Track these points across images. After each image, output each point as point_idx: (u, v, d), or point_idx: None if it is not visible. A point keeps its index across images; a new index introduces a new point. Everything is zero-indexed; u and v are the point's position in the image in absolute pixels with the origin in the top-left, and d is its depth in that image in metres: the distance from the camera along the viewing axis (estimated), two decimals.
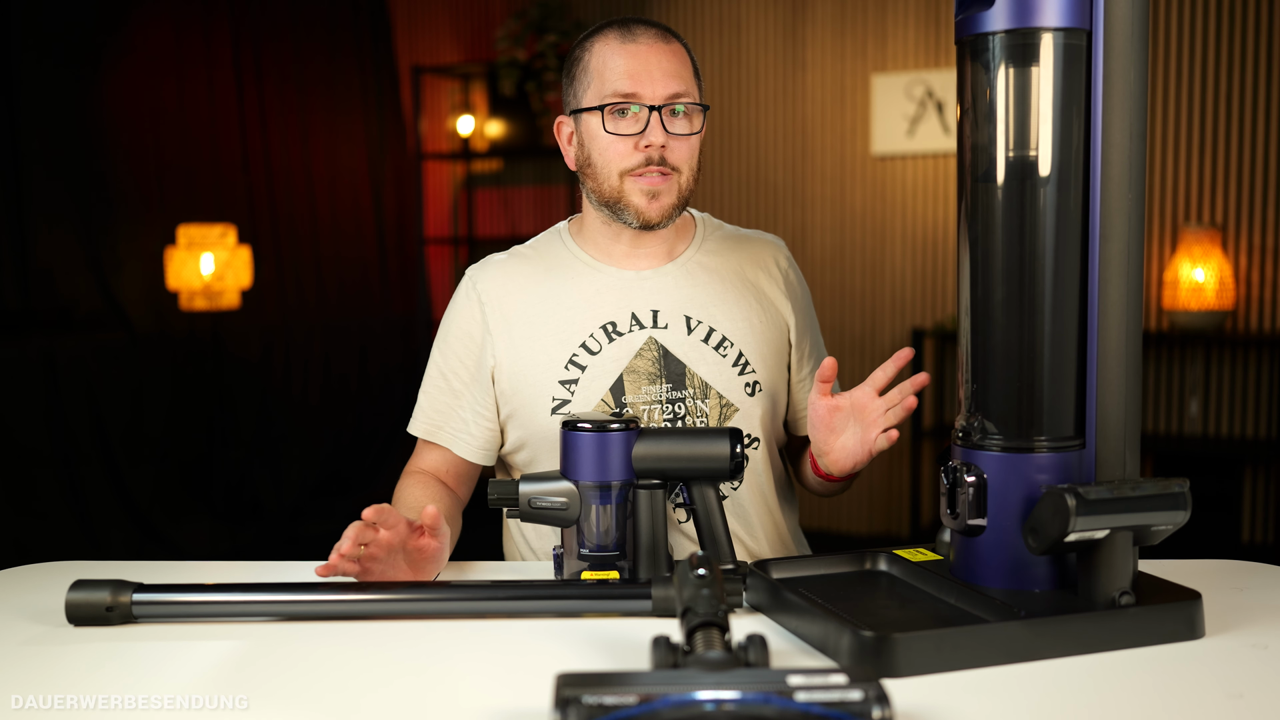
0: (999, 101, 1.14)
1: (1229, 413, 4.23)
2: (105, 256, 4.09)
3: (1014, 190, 1.14)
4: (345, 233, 4.99)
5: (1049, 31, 1.11)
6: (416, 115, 5.35)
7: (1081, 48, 1.12)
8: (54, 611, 1.22)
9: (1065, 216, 1.13)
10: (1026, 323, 1.15)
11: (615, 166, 1.50)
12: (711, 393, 1.53)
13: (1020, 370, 1.15)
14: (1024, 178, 1.14)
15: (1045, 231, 1.13)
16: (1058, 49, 1.11)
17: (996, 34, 1.12)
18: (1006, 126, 1.14)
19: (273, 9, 4.68)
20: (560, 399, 1.52)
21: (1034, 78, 1.12)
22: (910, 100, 4.59)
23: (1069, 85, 1.12)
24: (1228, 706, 0.97)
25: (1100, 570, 1.10)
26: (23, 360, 3.79)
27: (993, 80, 1.14)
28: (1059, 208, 1.13)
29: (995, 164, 1.14)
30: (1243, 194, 4.16)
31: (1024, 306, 1.14)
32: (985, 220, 1.16)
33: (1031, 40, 1.12)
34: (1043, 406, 1.14)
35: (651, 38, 1.50)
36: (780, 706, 0.82)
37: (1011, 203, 1.14)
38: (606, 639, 1.14)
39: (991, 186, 1.15)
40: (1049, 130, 1.12)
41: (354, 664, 1.09)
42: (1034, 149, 1.13)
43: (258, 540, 4.41)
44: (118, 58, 4.15)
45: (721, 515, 1.34)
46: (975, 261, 1.17)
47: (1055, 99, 1.12)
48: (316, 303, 4.87)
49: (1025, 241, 1.14)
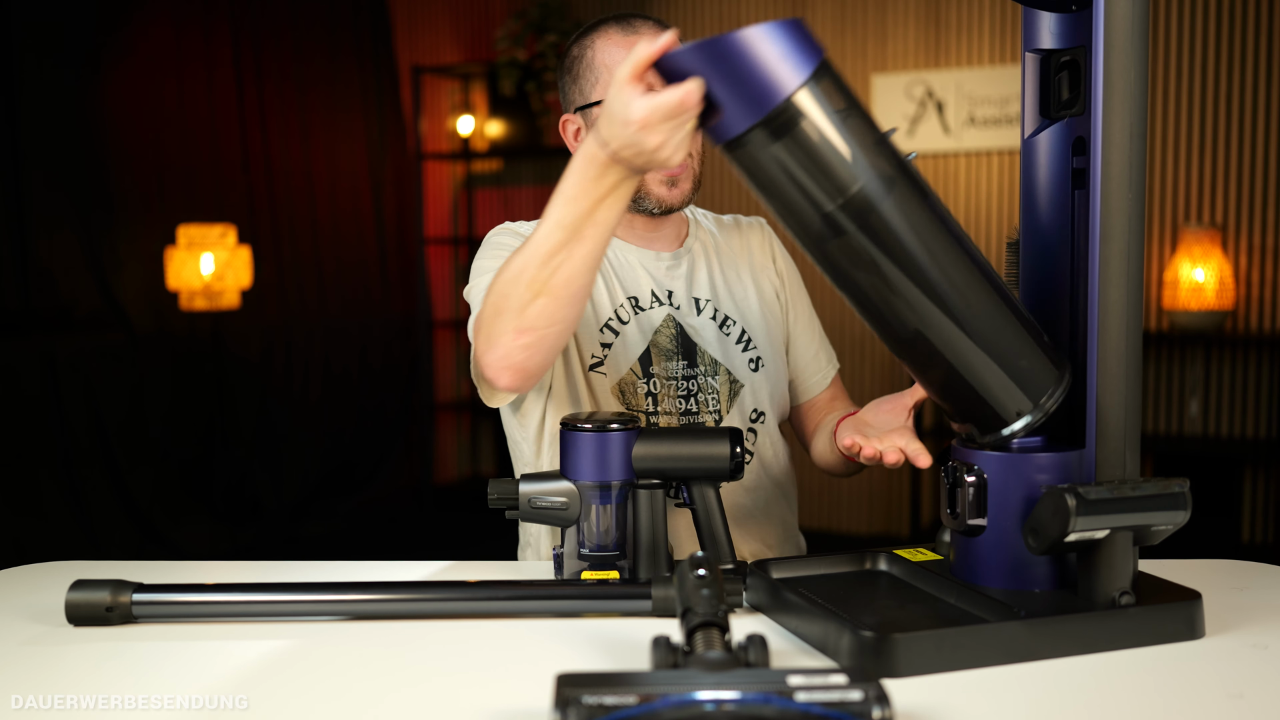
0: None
1: (1229, 413, 4.23)
2: (105, 256, 4.09)
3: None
4: (345, 233, 4.99)
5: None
6: (416, 115, 5.35)
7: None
8: (54, 611, 1.22)
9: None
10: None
11: None
12: (720, 370, 1.60)
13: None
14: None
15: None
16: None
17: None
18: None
19: (273, 9, 4.68)
20: (598, 358, 1.56)
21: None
22: (910, 100, 4.59)
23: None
24: (1228, 706, 0.97)
25: (1100, 570, 1.10)
26: (23, 360, 3.79)
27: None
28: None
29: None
30: (1243, 194, 4.16)
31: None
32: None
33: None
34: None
35: (651, 29, 1.54)
36: (780, 706, 0.82)
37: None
38: (606, 639, 1.14)
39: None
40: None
41: (354, 664, 1.09)
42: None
43: (258, 540, 4.41)
44: (118, 58, 4.15)
45: (721, 515, 1.35)
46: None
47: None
48: (316, 303, 4.86)
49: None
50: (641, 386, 1.56)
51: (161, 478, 4.17)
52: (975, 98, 4.50)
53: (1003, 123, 4.47)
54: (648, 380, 1.56)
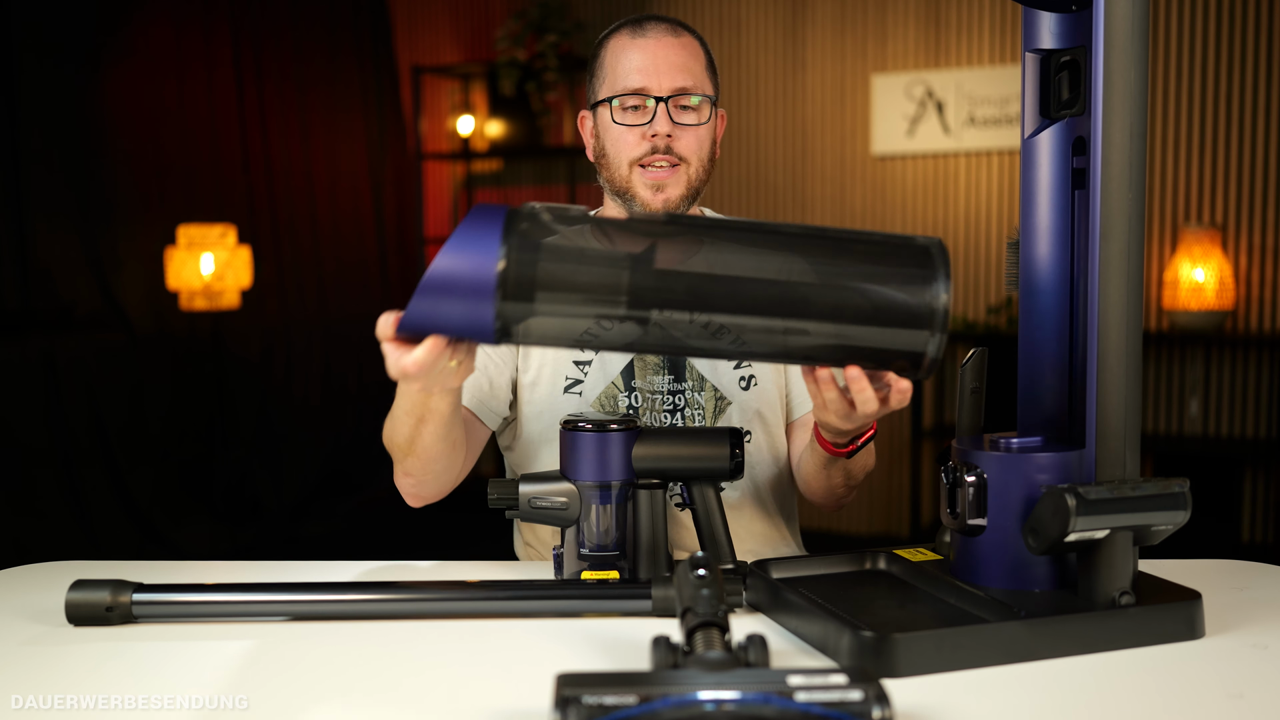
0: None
1: (1229, 413, 4.23)
2: (105, 256, 4.09)
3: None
4: (345, 233, 4.99)
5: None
6: (416, 115, 5.35)
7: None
8: (54, 611, 1.22)
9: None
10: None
11: (625, 156, 1.55)
12: (707, 385, 1.57)
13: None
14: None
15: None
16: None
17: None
18: None
19: (273, 9, 4.68)
20: (573, 378, 1.56)
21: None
22: (910, 100, 4.59)
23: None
24: (1228, 706, 0.97)
25: (1100, 570, 1.10)
26: (23, 360, 3.79)
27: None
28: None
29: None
30: (1243, 194, 4.16)
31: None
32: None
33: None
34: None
35: (661, 32, 1.55)
36: (780, 706, 0.82)
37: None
38: (606, 639, 1.14)
39: None
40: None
41: (354, 664, 1.09)
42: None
43: (258, 540, 4.41)
44: (118, 58, 4.15)
45: (721, 515, 1.35)
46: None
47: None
48: (316, 303, 4.87)
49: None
50: (623, 400, 1.55)
51: (161, 478, 4.17)
52: (975, 98, 4.50)
53: (1003, 123, 4.47)
54: (629, 394, 1.55)
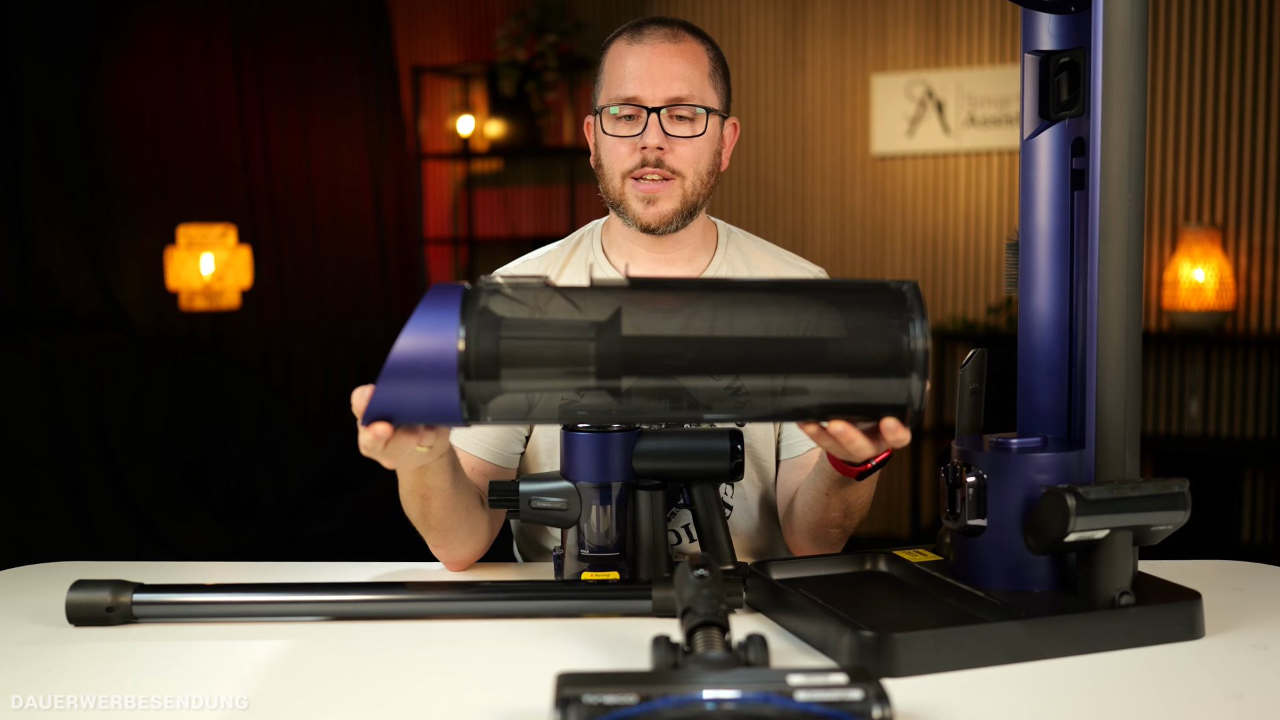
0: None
1: (1229, 413, 4.23)
2: (105, 256, 4.09)
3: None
4: (345, 233, 4.99)
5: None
6: (416, 115, 5.35)
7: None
8: (54, 611, 1.22)
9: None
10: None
11: (617, 168, 1.50)
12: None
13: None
14: None
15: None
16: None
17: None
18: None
19: (273, 9, 4.68)
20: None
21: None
22: (910, 100, 4.59)
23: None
24: (1228, 706, 0.97)
25: (1100, 570, 1.10)
26: (23, 360, 3.79)
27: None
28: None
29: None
30: (1243, 194, 4.16)
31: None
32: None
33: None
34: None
35: (658, 38, 1.49)
36: (780, 706, 0.82)
37: None
38: (606, 639, 1.14)
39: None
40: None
41: (355, 664, 1.09)
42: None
43: (258, 540, 4.41)
44: (118, 58, 4.15)
45: (722, 515, 1.34)
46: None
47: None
48: (316, 303, 4.87)
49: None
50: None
51: (161, 478, 4.17)
52: (975, 98, 4.50)
53: (1003, 123, 4.47)
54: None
